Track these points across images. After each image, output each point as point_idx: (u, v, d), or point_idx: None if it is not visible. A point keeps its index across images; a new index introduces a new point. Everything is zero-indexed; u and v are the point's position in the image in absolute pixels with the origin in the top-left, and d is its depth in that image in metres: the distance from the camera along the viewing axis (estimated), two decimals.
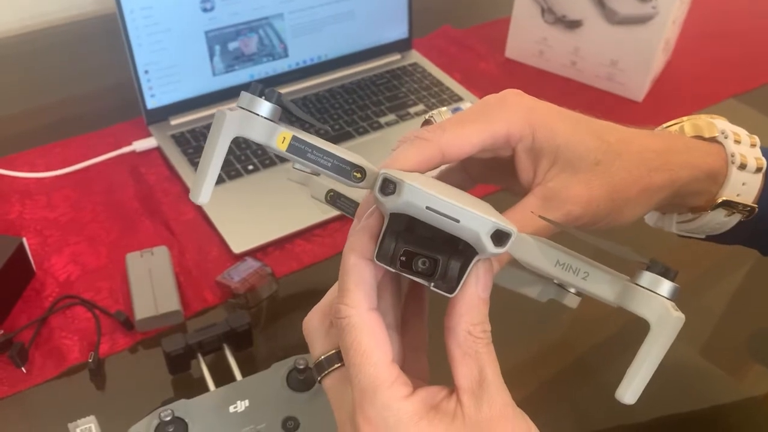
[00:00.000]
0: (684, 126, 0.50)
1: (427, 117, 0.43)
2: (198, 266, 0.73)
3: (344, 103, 0.95)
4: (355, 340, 0.34)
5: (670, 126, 0.51)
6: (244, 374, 0.59)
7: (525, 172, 0.42)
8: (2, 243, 0.68)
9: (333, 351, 0.38)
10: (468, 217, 0.32)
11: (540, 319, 0.70)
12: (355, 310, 0.34)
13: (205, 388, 0.59)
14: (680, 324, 0.34)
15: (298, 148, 0.36)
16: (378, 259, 0.34)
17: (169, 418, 0.52)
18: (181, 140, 0.88)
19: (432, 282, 0.34)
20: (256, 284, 0.69)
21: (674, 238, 0.54)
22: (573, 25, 1.01)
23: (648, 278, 0.34)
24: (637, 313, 0.34)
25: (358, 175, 0.36)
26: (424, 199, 0.32)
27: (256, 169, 0.84)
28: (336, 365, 0.38)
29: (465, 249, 0.34)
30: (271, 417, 0.53)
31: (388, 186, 0.33)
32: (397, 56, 1.05)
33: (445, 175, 0.47)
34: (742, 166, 0.47)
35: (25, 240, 0.69)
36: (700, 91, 1.05)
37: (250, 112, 0.35)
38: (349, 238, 0.36)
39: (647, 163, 0.42)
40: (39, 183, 0.82)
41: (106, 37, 1.06)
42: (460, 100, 0.98)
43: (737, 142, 0.48)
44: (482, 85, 1.02)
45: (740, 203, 0.48)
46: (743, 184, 0.47)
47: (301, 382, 0.55)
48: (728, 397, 0.66)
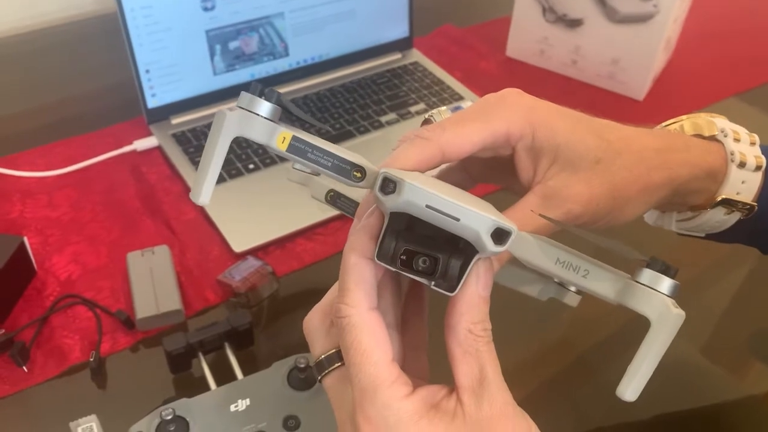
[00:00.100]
0: (683, 124, 0.50)
1: (426, 116, 0.43)
2: (199, 265, 0.73)
3: (345, 102, 0.95)
4: (356, 340, 0.34)
5: (669, 124, 0.51)
6: (245, 373, 0.59)
7: (525, 171, 0.42)
8: (3, 242, 0.68)
9: (333, 350, 0.38)
10: (468, 216, 0.32)
11: (540, 318, 0.70)
12: (356, 309, 0.35)
13: (206, 387, 0.59)
14: (681, 321, 0.34)
15: (298, 148, 0.36)
16: (379, 259, 0.34)
17: (170, 417, 0.52)
18: (182, 139, 0.88)
19: (433, 281, 0.34)
20: (257, 283, 0.69)
21: (674, 236, 0.54)
22: (574, 23, 1.01)
23: (648, 276, 0.35)
24: (637, 310, 0.34)
25: (359, 175, 0.37)
26: (424, 197, 0.32)
27: (257, 168, 0.84)
28: (336, 364, 0.38)
29: (465, 248, 0.34)
30: (271, 416, 0.54)
31: (389, 185, 0.33)
32: (398, 55, 1.05)
33: (445, 174, 0.47)
34: (742, 165, 0.47)
35: (26, 239, 0.70)
36: (701, 90, 1.05)
37: (250, 112, 0.35)
38: (350, 238, 0.36)
39: (647, 162, 0.42)
40: (40, 182, 0.83)
41: (105, 37, 1.06)
42: (461, 99, 0.98)
43: (737, 140, 0.48)
44: (483, 84, 1.02)
45: (740, 201, 0.48)
46: (743, 183, 0.47)
47: (302, 381, 0.56)
48: (729, 396, 0.66)
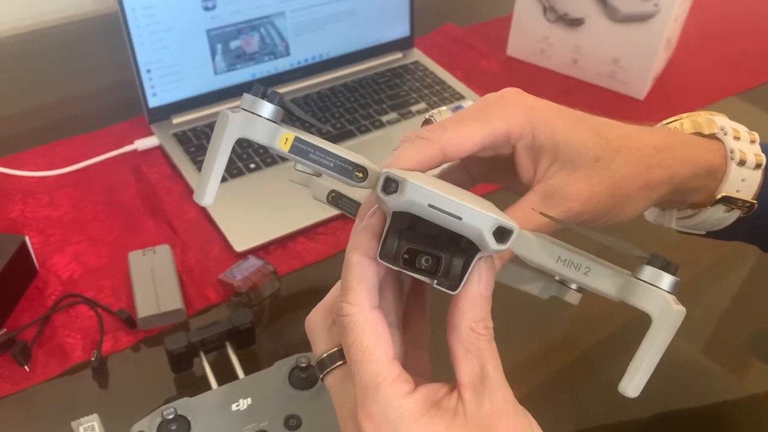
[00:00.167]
0: (683, 123, 0.50)
1: (427, 116, 0.43)
2: (200, 265, 0.73)
3: (346, 102, 0.95)
4: (357, 338, 0.34)
5: (669, 123, 0.51)
6: (247, 372, 0.59)
7: (525, 170, 0.42)
8: (5, 242, 0.68)
9: (335, 349, 0.38)
10: (470, 215, 0.32)
11: (541, 316, 0.70)
12: (358, 308, 0.35)
13: (207, 387, 0.59)
14: (681, 317, 0.34)
15: (300, 149, 0.36)
16: (381, 258, 0.34)
17: (171, 416, 0.52)
18: (183, 139, 0.88)
19: (435, 280, 0.34)
20: (259, 282, 0.69)
21: (674, 234, 0.54)
22: (574, 23, 1.01)
23: (649, 272, 0.35)
24: (638, 307, 0.35)
25: (360, 175, 0.37)
26: (426, 197, 0.32)
27: (258, 168, 0.84)
28: (338, 363, 0.38)
29: (467, 246, 0.34)
30: (273, 415, 0.54)
31: (391, 185, 0.33)
32: (399, 55, 1.05)
33: (446, 174, 0.47)
34: (742, 163, 0.47)
35: (27, 239, 0.70)
36: (702, 90, 1.05)
37: (252, 113, 0.36)
38: (352, 237, 0.36)
39: (647, 160, 0.42)
40: (41, 182, 0.83)
41: (105, 37, 1.06)
42: (462, 98, 0.98)
43: (737, 138, 0.48)
44: (484, 84, 1.02)
45: (739, 199, 0.48)
46: (742, 181, 0.47)
47: (304, 380, 0.56)
48: (730, 395, 0.66)
